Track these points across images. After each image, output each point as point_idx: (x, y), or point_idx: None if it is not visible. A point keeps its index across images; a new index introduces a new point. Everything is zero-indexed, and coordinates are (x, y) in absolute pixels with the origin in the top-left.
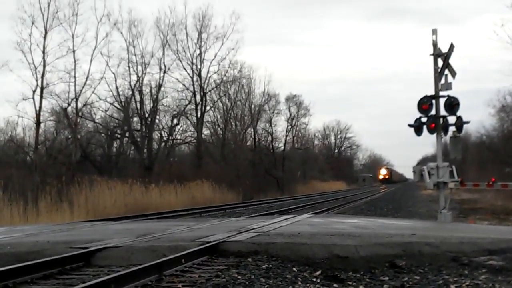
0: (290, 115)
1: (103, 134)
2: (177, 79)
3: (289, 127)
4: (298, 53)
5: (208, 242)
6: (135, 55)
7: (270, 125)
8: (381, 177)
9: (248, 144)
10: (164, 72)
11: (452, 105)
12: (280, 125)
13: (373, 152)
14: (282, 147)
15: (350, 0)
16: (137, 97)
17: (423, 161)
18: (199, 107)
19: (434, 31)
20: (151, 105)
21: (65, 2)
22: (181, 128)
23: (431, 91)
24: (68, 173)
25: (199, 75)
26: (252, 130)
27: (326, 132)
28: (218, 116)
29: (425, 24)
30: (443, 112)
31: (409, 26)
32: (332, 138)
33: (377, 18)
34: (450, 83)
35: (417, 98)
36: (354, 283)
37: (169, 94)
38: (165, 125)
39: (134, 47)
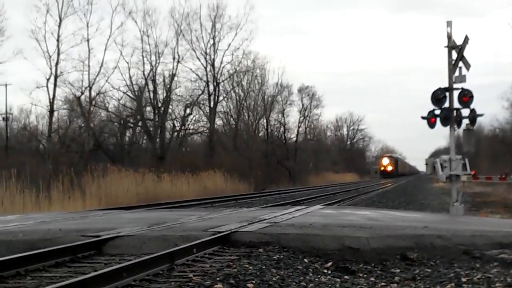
0: (303, 106)
1: (116, 123)
2: (190, 69)
3: (302, 118)
4: (314, 45)
5: (219, 232)
6: (149, 44)
7: (283, 116)
8: (382, 168)
9: (260, 134)
10: (178, 61)
11: (466, 97)
12: (293, 116)
13: (386, 144)
14: (295, 138)
15: None
16: (150, 87)
17: (436, 153)
18: (212, 97)
19: (449, 23)
20: (164, 94)
21: None
22: (193, 118)
23: (446, 84)
24: (81, 161)
25: (213, 65)
26: (264, 120)
27: (339, 124)
28: (231, 107)
29: (446, 16)
30: (456, 104)
31: (429, 18)
32: (345, 129)
33: (397, 10)
34: (464, 75)
35: (432, 90)
36: (365, 275)
37: (182, 83)
38: (178, 114)
39: (148, 36)
